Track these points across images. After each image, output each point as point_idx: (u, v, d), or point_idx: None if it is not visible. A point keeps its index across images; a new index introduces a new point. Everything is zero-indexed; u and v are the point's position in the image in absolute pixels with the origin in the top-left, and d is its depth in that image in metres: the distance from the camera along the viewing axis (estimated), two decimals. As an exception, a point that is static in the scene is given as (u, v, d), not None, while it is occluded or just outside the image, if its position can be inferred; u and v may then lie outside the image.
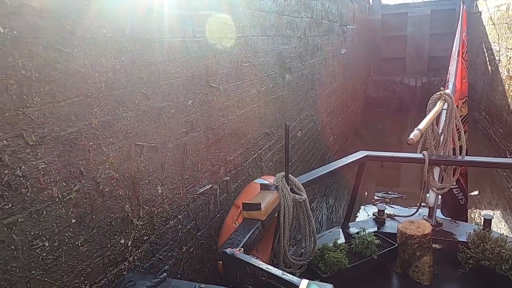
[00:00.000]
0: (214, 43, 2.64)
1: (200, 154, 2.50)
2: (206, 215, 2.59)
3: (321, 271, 2.54)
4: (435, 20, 14.38)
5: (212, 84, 2.64)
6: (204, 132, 2.54)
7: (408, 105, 14.08)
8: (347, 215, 3.36)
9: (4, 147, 1.26)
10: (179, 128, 2.26)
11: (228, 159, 2.90)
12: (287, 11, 4.26)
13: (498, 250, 2.58)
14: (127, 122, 1.83)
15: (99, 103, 1.66)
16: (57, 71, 1.45)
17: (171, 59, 2.16)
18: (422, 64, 14.79)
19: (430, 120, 2.83)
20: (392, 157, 3.47)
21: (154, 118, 2.03)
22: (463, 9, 5.87)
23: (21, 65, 1.31)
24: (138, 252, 1.94)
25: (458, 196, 4.03)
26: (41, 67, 1.38)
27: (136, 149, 1.89)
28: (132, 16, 1.84)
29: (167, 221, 2.18)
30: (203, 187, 2.56)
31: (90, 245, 1.63)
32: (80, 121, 1.56)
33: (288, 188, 2.32)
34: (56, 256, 1.47)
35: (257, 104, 3.47)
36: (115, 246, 1.78)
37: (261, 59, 3.53)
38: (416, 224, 2.71)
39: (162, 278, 1.70)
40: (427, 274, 2.63)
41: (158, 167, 2.07)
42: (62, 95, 1.47)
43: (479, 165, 4.00)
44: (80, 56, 1.55)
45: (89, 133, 1.61)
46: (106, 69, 1.69)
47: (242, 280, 1.71)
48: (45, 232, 1.42)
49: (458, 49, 4.76)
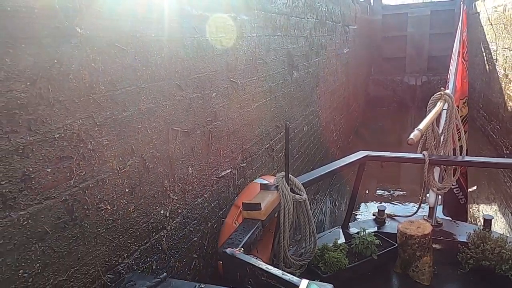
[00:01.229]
0: (234, 42, 2.94)
1: (221, 141, 2.80)
2: (226, 197, 2.89)
3: (321, 271, 2.55)
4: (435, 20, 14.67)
5: (232, 79, 2.94)
6: (225, 122, 2.84)
7: (408, 104, 14.37)
8: (347, 215, 3.36)
9: (80, 125, 1.56)
10: (205, 117, 2.56)
11: (244, 147, 3.20)
12: (295, 12, 4.56)
13: (498, 250, 2.57)
14: (166, 110, 2.13)
15: (146, 92, 1.96)
16: (116, 65, 1.75)
17: (199, 56, 2.46)
18: (422, 63, 15.08)
19: (430, 120, 2.82)
20: (392, 157, 3.45)
21: (186, 107, 2.33)
22: (463, 9, 5.87)
23: (92, 59, 1.61)
24: (174, 222, 2.23)
25: (458, 196, 4.06)
26: (105, 61, 1.68)
27: (172, 133, 2.19)
28: (170, 19, 2.14)
29: (196, 198, 2.48)
30: (224, 171, 2.85)
31: (139, 212, 1.93)
32: (132, 107, 1.86)
33: (288, 188, 2.33)
34: (115, 218, 1.77)
35: (269, 98, 3.77)
36: (157, 215, 2.08)
37: (272, 57, 3.83)
38: (416, 224, 2.71)
39: (162, 278, 1.67)
40: (427, 274, 2.62)
41: (189, 150, 2.37)
42: (119, 85, 1.77)
43: (479, 165, 4.01)
44: (132, 52, 1.85)
45: (138, 117, 1.91)
46: (151, 64, 1.99)
47: (242, 280, 1.71)
48: (107, 197, 1.72)
49: (459, 49, 4.77)
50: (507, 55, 8.09)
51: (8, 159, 1.28)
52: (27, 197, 1.34)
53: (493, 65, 9.41)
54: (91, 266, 1.64)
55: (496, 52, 9.12)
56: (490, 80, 9.68)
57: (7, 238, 1.28)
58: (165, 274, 1.70)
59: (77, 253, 1.57)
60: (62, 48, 1.47)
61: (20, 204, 1.32)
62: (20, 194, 1.32)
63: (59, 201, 1.47)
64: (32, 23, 1.35)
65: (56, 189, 1.46)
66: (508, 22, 8.00)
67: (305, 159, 5.19)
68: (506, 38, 8.13)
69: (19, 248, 1.32)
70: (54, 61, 1.44)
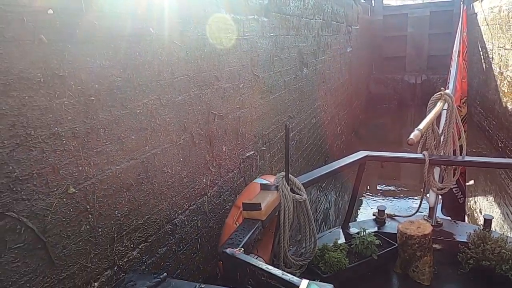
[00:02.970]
0: (256, 40, 3.38)
1: (247, 126, 3.24)
2: (250, 175, 3.33)
3: (321, 271, 2.55)
4: (434, 20, 15.11)
5: (255, 72, 3.37)
6: (249, 109, 3.28)
7: (408, 102, 14.82)
8: (347, 215, 3.37)
9: (152, 104, 2.00)
10: (235, 104, 2.99)
11: (264, 133, 3.64)
12: (305, 14, 5.00)
13: (498, 250, 2.57)
14: (207, 96, 2.57)
15: (194, 81, 2.39)
16: (174, 58, 2.19)
17: (231, 52, 2.90)
18: (421, 62, 15.52)
19: (430, 120, 2.82)
20: (392, 157, 3.47)
21: (221, 95, 2.77)
22: (463, 9, 5.89)
23: (159, 52, 2.05)
24: (212, 191, 2.67)
25: (457, 195, 4.10)
26: (167, 54, 2.12)
27: (211, 116, 2.63)
28: (211, 20, 2.57)
29: (228, 173, 2.91)
30: (249, 152, 3.29)
31: (189, 178, 2.37)
32: (184, 93, 2.30)
33: (288, 188, 2.33)
34: (173, 181, 2.21)
35: (284, 91, 4.21)
36: (200, 183, 2.52)
37: (286, 54, 4.27)
38: (416, 224, 2.71)
39: (162, 278, 1.67)
40: (427, 274, 2.62)
41: (223, 131, 2.81)
42: (176, 74, 2.21)
43: (479, 165, 4.04)
44: (184, 47, 2.29)
45: (189, 101, 2.35)
46: (197, 58, 2.43)
47: (242, 280, 1.71)
48: (168, 163, 2.16)
49: (459, 49, 4.77)
50: (502, 54, 8.52)
51: (109, 127, 1.72)
52: (121, 156, 1.78)
53: (489, 64, 9.85)
54: (158, 216, 2.08)
55: (492, 51, 9.56)
56: (486, 78, 10.12)
57: (109, 185, 1.72)
58: (165, 274, 1.70)
59: (149, 204, 2.01)
60: (141, 44, 1.91)
61: (116, 161, 1.76)
62: (117, 153, 1.76)
63: (139, 162, 1.91)
64: (125, 24, 1.78)
65: (137, 152, 1.90)
66: (503, 22, 8.44)
67: (313, 149, 5.63)
68: (501, 38, 8.57)
69: (115, 194, 1.76)
70: (136, 54, 1.88)
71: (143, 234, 1.97)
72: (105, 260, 1.72)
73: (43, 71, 1.39)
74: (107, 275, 1.73)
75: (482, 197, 7.66)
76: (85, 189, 1.59)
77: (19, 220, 1.31)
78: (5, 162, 1.26)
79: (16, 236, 1.31)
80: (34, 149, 1.36)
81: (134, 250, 1.90)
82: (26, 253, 1.35)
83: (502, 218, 6.41)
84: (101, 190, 1.67)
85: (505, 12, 8.23)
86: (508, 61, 8.03)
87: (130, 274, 1.75)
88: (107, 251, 1.72)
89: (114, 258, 1.77)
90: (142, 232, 1.96)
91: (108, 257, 1.73)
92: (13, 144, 1.29)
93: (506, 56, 8.20)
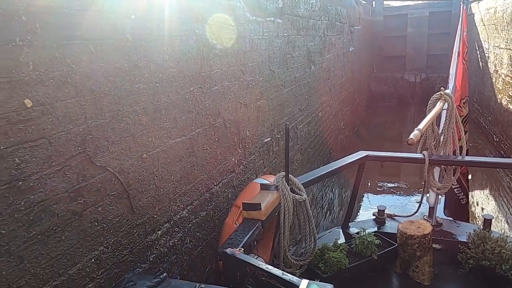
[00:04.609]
0: (272, 40, 3.81)
1: (265, 115, 3.67)
2: (268, 158, 3.76)
3: (321, 271, 2.56)
4: (433, 21, 15.53)
5: (271, 68, 3.81)
6: (267, 100, 3.71)
7: (408, 100, 15.27)
8: (347, 215, 3.38)
9: (196, 91, 2.43)
10: (255, 95, 3.42)
11: (279, 122, 4.07)
12: (313, 16, 5.43)
13: (498, 250, 2.57)
14: (235, 88, 2.99)
15: (226, 75, 2.82)
16: (212, 54, 2.62)
17: (253, 50, 3.33)
18: (421, 61, 15.94)
19: (430, 120, 2.83)
20: (392, 157, 3.50)
21: (245, 87, 3.20)
22: (463, 9, 6.02)
23: (201, 49, 2.48)
24: (239, 169, 3.10)
25: (459, 196, 4.13)
26: (207, 50, 2.55)
27: (239, 104, 3.06)
28: (237, 22, 3.00)
29: (250, 155, 3.34)
30: (266, 139, 3.72)
31: (221, 156, 2.80)
32: (219, 83, 2.73)
33: (288, 188, 2.34)
34: (210, 157, 2.64)
35: (295, 86, 4.64)
36: (230, 161, 2.95)
37: (297, 52, 4.70)
38: (416, 224, 2.72)
39: (162, 278, 1.67)
40: (427, 274, 2.63)
41: (247, 118, 3.24)
42: (213, 68, 2.64)
43: (479, 165, 4.07)
44: (219, 45, 2.71)
45: (222, 90, 2.77)
46: (228, 54, 2.86)
47: (242, 280, 1.71)
48: (207, 142, 2.58)
49: (459, 50, 4.86)
50: (497, 53, 8.96)
51: (168, 108, 2.14)
52: (175, 132, 2.21)
53: (485, 62, 10.29)
54: (200, 186, 2.51)
55: (488, 50, 9.99)
56: (483, 76, 10.55)
57: (168, 155, 2.15)
58: (165, 274, 1.71)
59: (194, 174, 2.44)
60: (189, 42, 2.34)
61: (172, 136, 2.19)
62: (173, 130, 2.19)
63: (187, 138, 2.34)
64: (178, 26, 2.21)
65: (186, 130, 2.33)
66: (498, 22, 8.87)
67: (320, 141, 6.07)
68: (497, 38, 9.00)
69: (172, 162, 2.19)
70: (185, 50, 2.30)
71: (190, 198, 2.40)
72: (165, 214, 2.15)
73: (128, 62, 1.82)
74: (166, 227, 2.16)
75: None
76: (153, 156, 2.02)
77: (114, 174, 1.74)
78: (105, 129, 1.69)
79: (112, 186, 1.74)
80: (122, 122, 1.79)
81: (183, 210, 2.33)
82: (117, 200, 1.78)
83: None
84: (162, 158, 2.10)
85: (500, 13, 8.66)
86: (502, 60, 8.46)
87: (130, 274, 1.74)
88: (166, 208, 2.15)
89: (170, 214, 2.20)
90: (189, 196, 2.39)
91: (167, 212, 2.16)
92: (109, 117, 1.72)
93: (500, 55, 8.63)
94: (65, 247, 1.50)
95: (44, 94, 1.40)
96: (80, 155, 1.56)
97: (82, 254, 1.59)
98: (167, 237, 2.16)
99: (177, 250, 2.26)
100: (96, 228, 1.66)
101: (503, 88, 8.32)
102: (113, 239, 1.76)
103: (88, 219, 1.61)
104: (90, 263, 1.63)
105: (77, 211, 1.55)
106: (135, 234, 1.90)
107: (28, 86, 1.34)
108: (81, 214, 1.58)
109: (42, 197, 1.40)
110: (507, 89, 8.09)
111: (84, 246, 1.60)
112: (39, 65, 1.37)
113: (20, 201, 1.32)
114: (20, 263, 1.33)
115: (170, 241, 2.19)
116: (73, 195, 1.53)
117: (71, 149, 1.52)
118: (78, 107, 1.55)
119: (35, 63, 1.36)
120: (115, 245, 1.77)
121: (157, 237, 2.08)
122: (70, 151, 1.51)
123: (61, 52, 1.46)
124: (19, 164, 1.31)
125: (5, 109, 1.27)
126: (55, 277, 1.46)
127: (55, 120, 1.44)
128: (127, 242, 1.85)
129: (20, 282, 1.33)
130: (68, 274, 1.52)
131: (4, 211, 1.27)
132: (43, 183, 1.40)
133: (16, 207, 1.31)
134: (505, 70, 8.24)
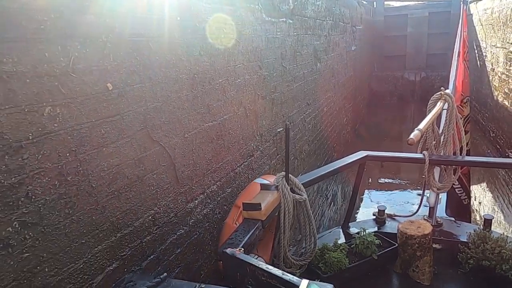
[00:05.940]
0: (284, 39, 4.17)
1: (278, 106, 4.03)
2: (280, 147, 4.12)
3: (321, 271, 2.57)
4: (433, 21, 15.90)
5: (283, 64, 4.17)
6: (280, 94, 4.07)
7: (407, 98, 15.65)
8: (347, 215, 3.40)
9: (223, 83, 2.79)
10: (271, 89, 3.79)
11: (289, 114, 4.43)
12: (319, 16, 5.80)
13: (498, 250, 2.58)
14: (254, 81, 3.36)
15: (246, 69, 3.19)
16: (236, 50, 2.98)
17: (268, 48, 3.69)
18: (420, 61, 16.31)
19: (430, 120, 2.84)
20: (392, 157, 3.53)
21: (262, 81, 3.56)
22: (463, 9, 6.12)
23: (228, 46, 2.84)
24: (257, 154, 3.47)
25: (461, 197, 4.18)
26: (232, 47, 2.91)
27: (257, 96, 3.42)
28: (256, 23, 3.37)
29: (266, 142, 3.71)
30: (279, 128, 4.09)
31: (243, 141, 3.17)
32: (241, 77, 3.09)
33: (288, 188, 2.36)
34: (234, 141, 3.00)
35: (303, 82, 5.00)
36: (250, 146, 3.31)
37: (305, 50, 5.06)
38: (416, 224, 2.72)
39: (162, 278, 1.68)
40: (427, 274, 2.64)
41: (263, 109, 3.60)
42: (236, 62, 3.00)
43: (479, 165, 4.12)
44: (241, 43, 3.08)
45: (243, 83, 3.14)
46: (248, 51, 3.22)
47: (242, 280, 1.73)
48: (231, 128, 2.95)
49: (459, 50, 4.97)
50: (494, 52, 9.32)
51: (202, 96, 2.51)
52: (208, 117, 2.57)
53: (483, 61, 10.65)
54: (226, 165, 2.87)
55: (485, 49, 10.36)
56: (481, 74, 10.92)
57: (203, 136, 2.51)
58: (165, 274, 1.72)
59: (222, 155, 2.80)
60: (218, 39, 2.70)
61: (206, 120, 2.55)
62: (206, 115, 2.55)
63: (217, 123, 2.70)
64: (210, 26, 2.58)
65: (216, 116, 2.69)
66: (494, 23, 9.23)
67: (324, 134, 6.43)
68: (493, 37, 9.36)
69: (205, 143, 2.55)
70: (215, 47, 2.67)
71: (218, 175, 2.76)
72: (200, 187, 2.51)
73: (174, 56, 2.18)
74: (200, 197, 2.52)
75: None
76: (192, 136, 2.38)
77: (164, 148, 2.11)
78: (159, 111, 2.06)
79: (163, 158, 2.10)
80: (170, 105, 2.15)
81: (214, 185, 2.69)
82: (167, 170, 2.14)
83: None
84: (198, 138, 2.47)
85: (496, 13, 9.02)
86: (499, 58, 8.83)
87: (130, 274, 1.76)
88: (201, 181, 2.52)
89: (204, 187, 2.56)
90: (218, 174, 2.75)
91: (202, 185, 2.53)
92: (162, 101, 2.08)
93: (497, 53, 8.99)
94: (132, 204, 1.87)
95: (119, 80, 1.76)
96: (142, 131, 1.93)
97: (142, 211, 1.95)
98: (202, 206, 2.53)
99: (209, 219, 2.62)
100: (152, 191, 2.02)
101: (499, 85, 8.68)
102: (164, 202, 2.12)
103: (147, 183, 1.98)
104: (148, 220, 1.99)
105: (139, 175, 1.92)
106: (178, 201, 2.27)
107: (108, 73, 1.70)
108: (142, 178, 1.94)
109: (117, 161, 1.76)
110: (503, 86, 8.46)
111: (144, 205, 1.96)
112: (116, 57, 1.74)
113: (104, 162, 1.68)
114: (103, 212, 1.69)
115: (204, 210, 2.55)
116: (137, 162, 1.90)
117: (136, 125, 1.88)
118: (140, 91, 1.91)
119: (114, 55, 1.72)
120: (164, 207, 2.13)
121: (195, 205, 2.44)
122: (135, 126, 1.88)
123: (130, 47, 1.82)
124: (103, 134, 1.68)
125: (95, 89, 1.63)
126: (125, 227, 1.83)
127: (126, 101, 1.81)
128: (173, 206, 2.21)
129: (103, 227, 1.69)
130: (134, 226, 1.89)
131: (93, 171, 1.64)
132: (118, 151, 1.77)
133: (101, 167, 1.67)
134: (501, 68, 8.61)
